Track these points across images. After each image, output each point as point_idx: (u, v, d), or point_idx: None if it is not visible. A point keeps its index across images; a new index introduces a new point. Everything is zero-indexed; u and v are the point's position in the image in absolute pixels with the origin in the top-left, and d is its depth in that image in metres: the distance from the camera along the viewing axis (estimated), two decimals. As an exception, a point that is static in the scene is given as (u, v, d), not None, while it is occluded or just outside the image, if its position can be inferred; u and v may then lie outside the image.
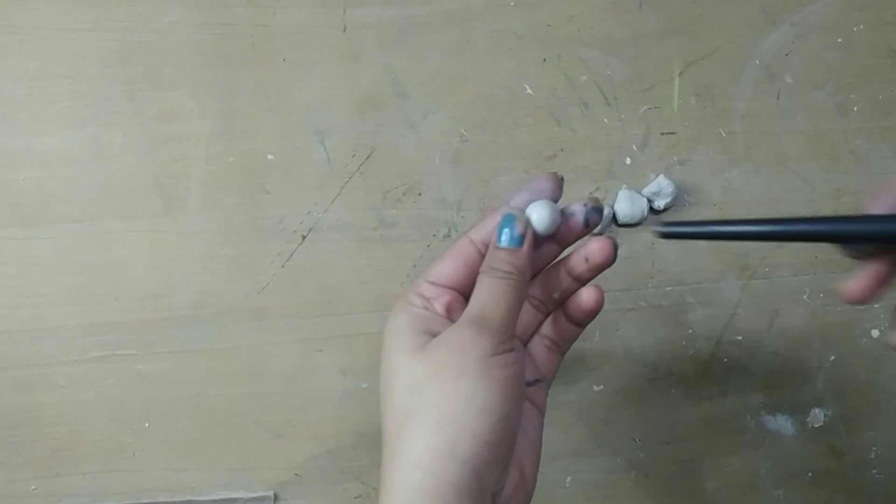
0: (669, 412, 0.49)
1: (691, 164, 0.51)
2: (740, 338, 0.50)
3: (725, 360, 0.49)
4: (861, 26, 0.52)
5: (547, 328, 0.38)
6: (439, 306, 0.34)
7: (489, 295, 0.33)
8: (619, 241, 0.49)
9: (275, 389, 0.48)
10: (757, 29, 0.52)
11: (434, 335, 0.32)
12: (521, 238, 0.34)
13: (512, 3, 0.51)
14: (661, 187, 0.49)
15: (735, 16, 0.52)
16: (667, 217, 0.50)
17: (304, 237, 0.49)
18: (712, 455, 0.49)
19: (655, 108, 0.51)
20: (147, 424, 0.47)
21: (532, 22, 0.51)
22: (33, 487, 0.47)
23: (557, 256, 0.36)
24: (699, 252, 0.50)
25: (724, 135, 0.51)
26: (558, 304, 0.37)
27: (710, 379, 0.49)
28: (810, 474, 0.49)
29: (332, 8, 0.51)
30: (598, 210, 0.36)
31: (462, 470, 0.29)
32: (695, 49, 0.52)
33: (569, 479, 0.48)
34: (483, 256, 0.35)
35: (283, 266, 0.48)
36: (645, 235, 0.50)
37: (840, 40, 0.52)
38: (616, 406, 0.49)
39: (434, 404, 0.30)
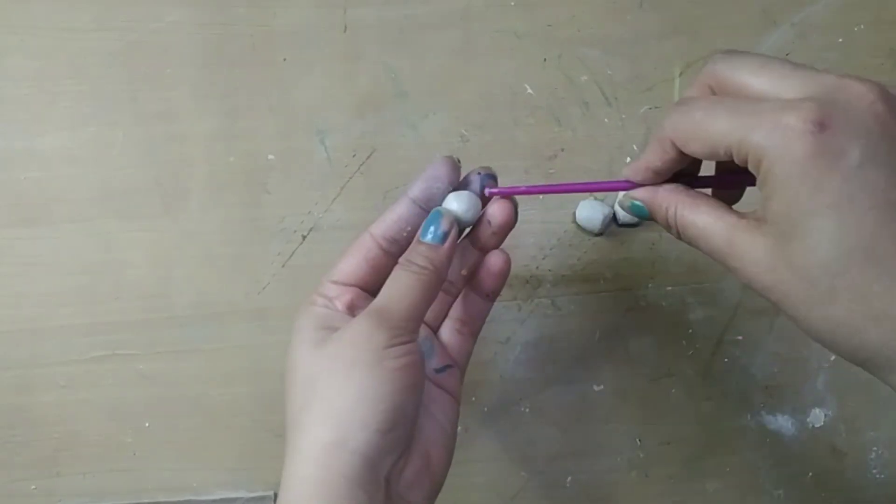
0: (670, 412, 0.49)
1: (692, 164, 0.51)
2: (741, 338, 0.50)
3: (726, 360, 0.49)
4: (862, 26, 0.52)
5: (456, 310, 0.39)
6: (340, 304, 0.35)
7: (396, 288, 0.33)
8: (619, 241, 0.50)
9: (275, 389, 0.48)
10: (757, 29, 0.52)
11: (334, 331, 0.33)
12: (445, 235, 0.34)
13: (512, 3, 0.51)
14: (661, 187, 0.49)
15: (736, 16, 0.52)
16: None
17: (304, 237, 0.49)
18: (713, 455, 0.49)
19: (656, 108, 0.51)
20: (147, 424, 0.47)
21: (532, 22, 0.51)
22: (33, 487, 0.47)
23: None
24: (699, 252, 0.50)
25: (724, 135, 0.51)
26: (466, 281, 0.38)
27: (710, 379, 0.49)
28: (811, 474, 0.49)
29: (333, 8, 0.51)
30: (493, 176, 0.37)
31: (352, 460, 0.30)
32: (695, 49, 0.52)
33: (569, 478, 0.48)
34: (384, 251, 0.36)
35: (283, 266, 0.49)
36: (645, 235, 0.50)
37: (841, 40, 0.52)
38: (616, 406, 0.49)
39: (325, 397, 0.31)
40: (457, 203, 0.36)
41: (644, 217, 0.34)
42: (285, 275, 0.48)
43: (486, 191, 0.37)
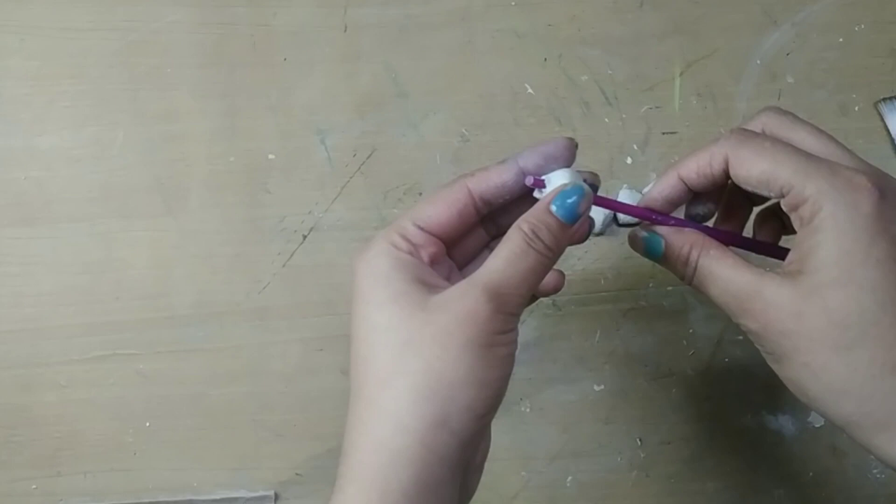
0: (670, 412, 0.49)
1: (692, 164, 0.51)
2: (741, 338, 0.50)
3: (726, 359, 0.49)
4: (862, 26, 0.52)
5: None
6: (425, 255, 0.32)
7: (515, 266, 0.30)
8: (620, 241, 0.50)
9: (275, 389, 0.48)
10: (758, 29, 0.52)
11: (428, 287, 0.30)
12: (579, 217, 0.31)
13: (513, 3, 0.51)
14: (661, 187, 0.49)
15: (736, 15, 0.52)
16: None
17: (304, 237, 0.49)
18: (713, 455, 0.49)
19: (656, 107, 0.51)
20: (148, 424, 0.47)
21: (533, 21, 0.51)
22: (34, 487, 0.47)
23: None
24: (700, 252, 0.50)
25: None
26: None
27: (710, 379, 0.49)
28: (811, 474, 0.49)
29: (333, 7, 0.51)
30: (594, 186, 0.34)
31: (451, 441, 0.29)
32: (696, 49, 0.52)
33: (569, 478, 0.48)
34: (478, 212, 0.33)
35: (283, 265, 0.48)
36: (646, 235, 0.50)
37: (841, 40, 0.52)
38: (617, 406, 0.49)
39: (432, 369, 0.29)
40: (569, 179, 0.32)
41: (654, 255, 0.34)
42: (286, 274, 0.48)
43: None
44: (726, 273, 0.32)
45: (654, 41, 0.51)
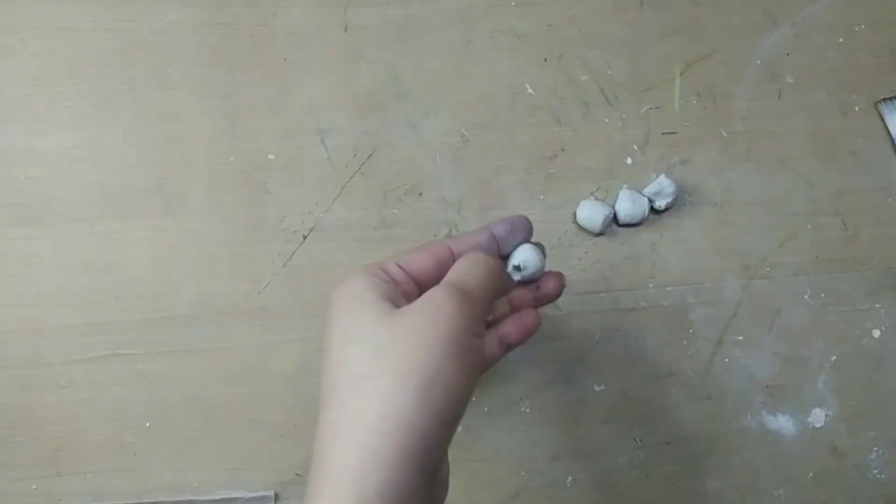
0: (670, 412, 0.49)
1: (692, 164, 0.51)
2: (741, 338, 0.50)
3: (726, 360, 0.49)
4: (862, 26, 0.52)
5: None
6: (401, 291, 0.34)
7: (474, 269, 0.33)
8: (620, 241, 0.50)
9: (276, 389, 0.48)
10: (758, 29, 0.52)
11: (397, 305, 0.32)
12: (508, 288, 0.37)
13: (513, 3, 0.51)
14: (661, 187, 0.49)
15: (736, 16, 0.52)
16: (667, 217, 0.50)
17: (304, 237, 0.49)
18: (713, 455, 0.49)
19: (656, 107, 0.51)
20: (148, 424, 0.47)
21: (533, 22, 0.51)
22: (34, 487, 0.47)
23: None
24: (700, 252, 0.50)
25: (725, 135, 0.51)
26: (489, 324, 0.38)
27: (710, 379, 0.49)
28: (811, 474, 0.49)
29: (333, 8, 0.51)
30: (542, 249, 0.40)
31: (420, 444, 0.29)
32: (696, 49, 0.52)
33: (569, 478, 0.48)
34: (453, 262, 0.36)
35: (283, 266, 0.48)
36: (646, 235, 0.50)
37: (841, 40, 0.52)
38: (617, 406, 0.49)
39: (400, 371, 0.29)
40: (533, 256, 0.39)
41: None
42: (286, 275, 0.48)
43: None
44: None
45: (654, 41, 0.51)
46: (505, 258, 0.39)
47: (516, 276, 0.38)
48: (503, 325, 0.38)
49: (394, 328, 0.30)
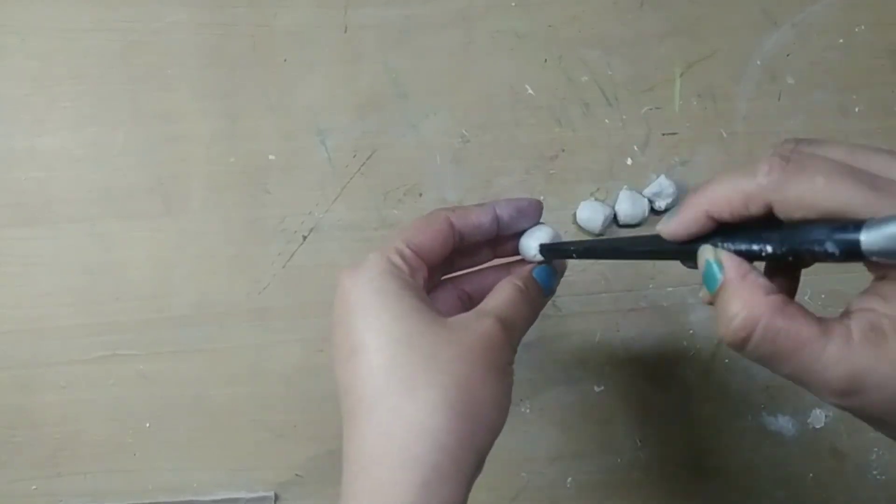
0: (670, 413, 0.49)
1: (692, 165, 0.51)
2: (741, 338, 0.50)
3: (726, 360, 0.49)
4: (862, 27, 0.52)
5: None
6: (421, 279, 0.33)
7: (516, 305, 0.33)
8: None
9: (276, 389, 0.48)
10: (758, 29, 0.52)
11: (433, 309, 0.31)
12: (552, 289, 0.37)
13: (513, 4, 0.51)
14: (662, 188, 0.49)
15: (736, 16, 0.52)
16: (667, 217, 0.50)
17: (305, 237, 0.49)
18: (713, 456, 0.49)
19: (657, 108, 0.51)
20: (148, 424, 0.47)
21: (533, 22, 0.51)
22: (34, 487, 0.47)
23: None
24: (700, 253, 0.50)
25: (725, 135, 0.51)
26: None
27: (710, 380, 0.49)
28: (811, 475, 0.49)
29: (334, 8, 0.51)
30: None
31: (471, 458, 0.29)
32: (696, 49, 0.52)
33: (569, 479, 0.48)
34: (454, 246, 0.35)
35: (283, 266, 0.48)
36: (646, 236, 0.50)
37: (841, 41, 0.52)
38: (617, 407, 0.49)
39: (461, 386, 0.29)
40: (536, 241, 0.37)
41: (708, 287, 0.27)
42: (286, 275, 0.48)
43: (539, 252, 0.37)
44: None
45: (655, 42, 0.51)
46: (513, 237, 0.37)
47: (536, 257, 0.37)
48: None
49: (448, 342, 0.30)
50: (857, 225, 0.23)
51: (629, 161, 0.50)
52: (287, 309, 0.48)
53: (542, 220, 0.38)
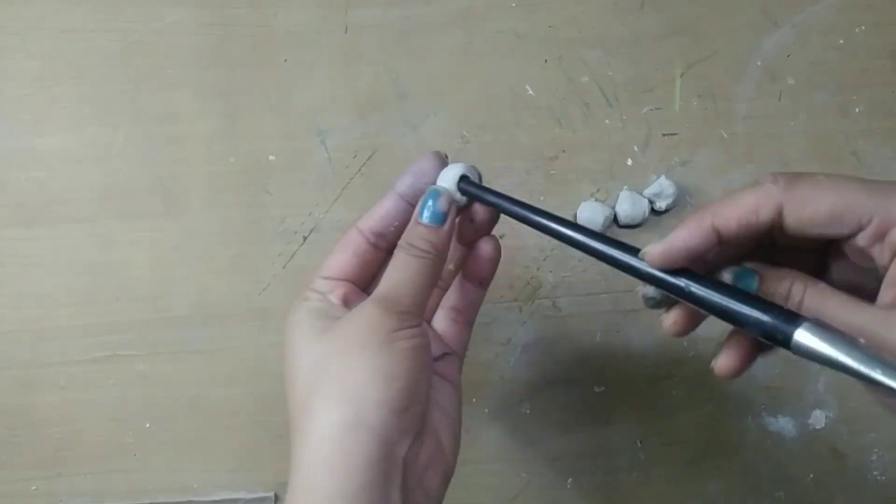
0: (671, 413, 0.49)
1: (693, 166, 0.51)
2: (741, 339, 0.50)
3: (726, 361, 0.49)
4: (863, 27, 0.52)
5: (449, 299, 0.39)
6: (335, 298, 0.35)
7: (402, 273, 0.33)
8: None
9: (276, 390, 0.47)
10: (758, 30, 0.52)
11: (334, 320, 0.33)
12: (444, 216, 0.34)
13: (513, 4, 0.51)
14: (662, 188, 0.49)
15: (736, 17, 0.52)
16: (668, 218, 0.50)
17: (305, 238, 0.49)
18: (713, 456, 0.49)
19: (657, 109, 0.51)
20: (148, 425, 0.47)
21: (533, 23, 0.51)
22: (34, 487, 0.47)
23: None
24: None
25: (725, 136, 0.51)
26: (455, 275, 0.38)
27: (711, 380, 0.49)
28: (811, 476, 0.49)
29: (334, 9, 0.51)
30: (477, 172, 0.37)
31: (370, 439, 0.29)
32: (696, 50, 0.52)
33: (569, 480, 0.48)
34: (372, 246, 0.36)
35: (284, 267, 0.48)
36: (646, 237, 0.50)
37: (842, 41, 0.52)
38: (617, 407, 0.49)
39: (337, 378, 0.31)
40: (449, 181, 0.35)
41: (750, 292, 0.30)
42: (286, 276, 0.48)
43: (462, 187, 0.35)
44: (841, 313, 0.28)
45: (655, 42, 0.51)
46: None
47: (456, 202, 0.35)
48: (469, 267, 0.38)
49: (327, 343, 0.32)
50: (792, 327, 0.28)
51: (629, 161, 0.50)
52: (287, 309, 0.48)
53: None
